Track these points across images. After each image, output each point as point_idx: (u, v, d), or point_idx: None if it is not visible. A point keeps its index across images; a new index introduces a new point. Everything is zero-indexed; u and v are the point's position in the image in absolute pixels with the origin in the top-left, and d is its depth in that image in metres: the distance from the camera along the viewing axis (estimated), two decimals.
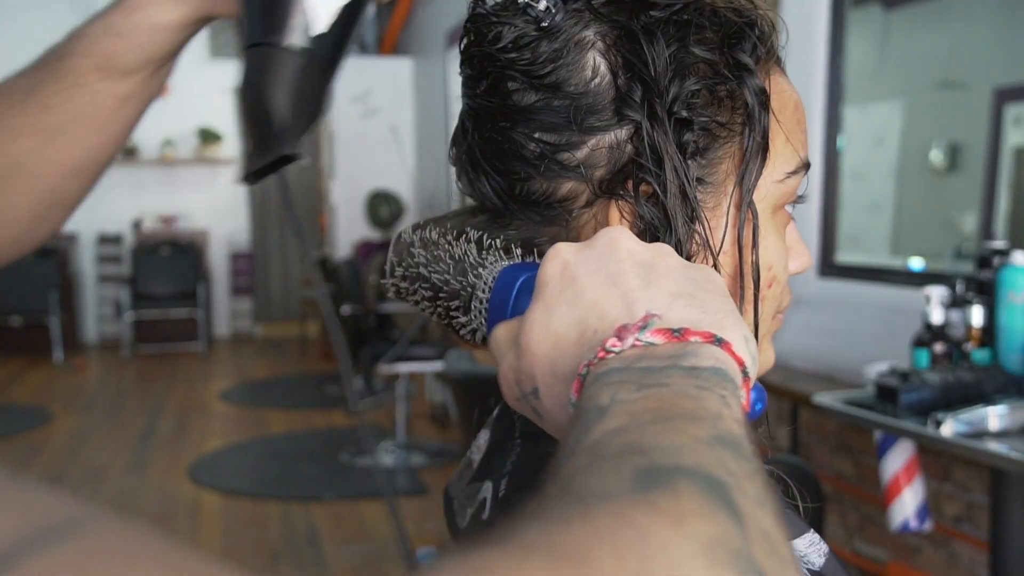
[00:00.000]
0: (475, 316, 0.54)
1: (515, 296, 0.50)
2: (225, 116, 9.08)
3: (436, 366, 4.76)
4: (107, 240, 8.88)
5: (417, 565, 0.60)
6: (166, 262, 8.74)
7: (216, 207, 9.26)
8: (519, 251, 0.55)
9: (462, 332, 0.56)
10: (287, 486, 4.64)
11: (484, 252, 0.55)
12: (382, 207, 7.85)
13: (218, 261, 9.33)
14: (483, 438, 0.65)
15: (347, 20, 0.54)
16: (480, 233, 0.56)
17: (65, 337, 8.30)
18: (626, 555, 0.27)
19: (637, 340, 0.40)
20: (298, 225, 0.62)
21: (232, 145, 9.21)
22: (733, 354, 0.41)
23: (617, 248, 0.45)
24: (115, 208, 8.74)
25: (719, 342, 0.41)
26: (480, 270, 0.54)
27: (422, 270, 0.57)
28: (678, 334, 0.40)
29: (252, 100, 0.53)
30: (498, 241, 0.55)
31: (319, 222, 9.32)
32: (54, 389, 7.02)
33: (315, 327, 8.35)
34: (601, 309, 0.43)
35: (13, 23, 7.99)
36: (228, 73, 8.57)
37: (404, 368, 4.85)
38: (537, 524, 0.28)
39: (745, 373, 0.41)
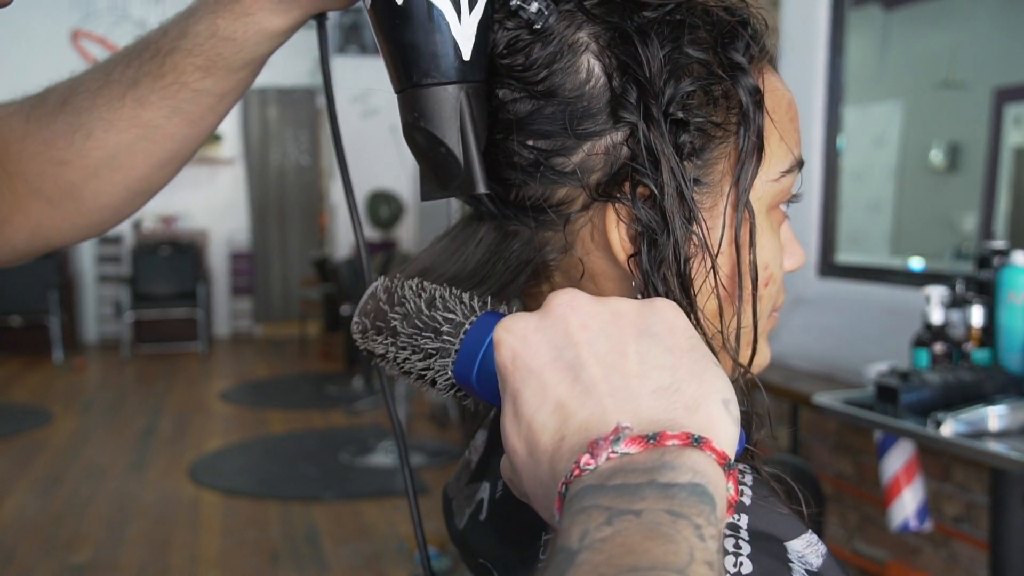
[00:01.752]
0: (437, 364, 0.52)
1: (483, 353, 0.49)
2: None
3: None
4: (107, 240, 8.88)
5: (428, 565, 0.60)
6: (166, 262, 8.74)
7: (216, 207, 9.26)
8: (487, 300, 0.53)
9: (426, 379, 0.54)
10: (287, 486, 4.64)
11: (455, 301, 0.53)
12: (382, 207, 7.85)
13: (218, 261, 9.33)
14: (480, 439, 0.65)
15: (483, 35, 0.52)
16: (452, 288, 0.54)
17: (65, 337, 8.30)
18: None
19: (612, 453, 0.38)
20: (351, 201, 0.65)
21: (232, 145, 9.21)
22: (714, 451, 0.39)
23: (569, 325, 0.43)
24: None
25: (697, 442, 0.38)
26: (449, 315, 0.52)
27: (393, 321, 0.54)
28: (653, 440, 0.38)
29: (424, 144, 0.53)
30: (466, 296, 0.53)
31: (319, 222, 9.32)
32: (54, 389, 7.02)
33: (315, 327, 8.35)
34: (567, 412, 0.41)
35: (13, 23, 7.99)
36: None
37: None
38: None
39: (730, 466, 0.39)
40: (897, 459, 2.23)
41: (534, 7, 0.51)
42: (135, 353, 8.46)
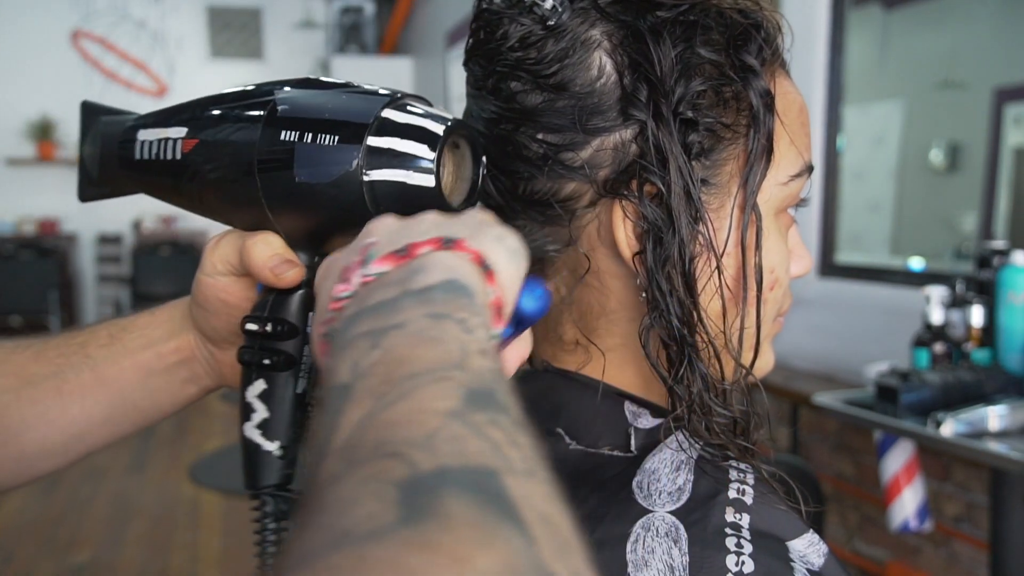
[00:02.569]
0: None
1: None
2: None
3: None
4: (107, 240, 8.88)
5: None
6: (166, 262, 8.74)
7: None
8: None
9: None
10: None
11: None
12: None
13: None
14: None
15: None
16: None
17: None
18: None
19: (364, 276, 0.38)
20: None
21: None
22: (467, 250, 0.38)
23: (372, 225, 0.43)
24: (115, 208, 8.74)
25: (448, 243, 0.38)
26: None
27: None
28: (404, 252, 0.38)
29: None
30: None
31: None
32: None
33: None
34: (334, 269, 0.41)
35: (13, 23, 7.99)
36: (228, 73, 8.58)
37: None
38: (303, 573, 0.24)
39: (487, 266, 0.38)
40: (897, 459, 2.23)
41: (548, 3, 0.51)
42: None
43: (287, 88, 0.52)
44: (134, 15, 8.26)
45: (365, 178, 0.48)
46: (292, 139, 0.49)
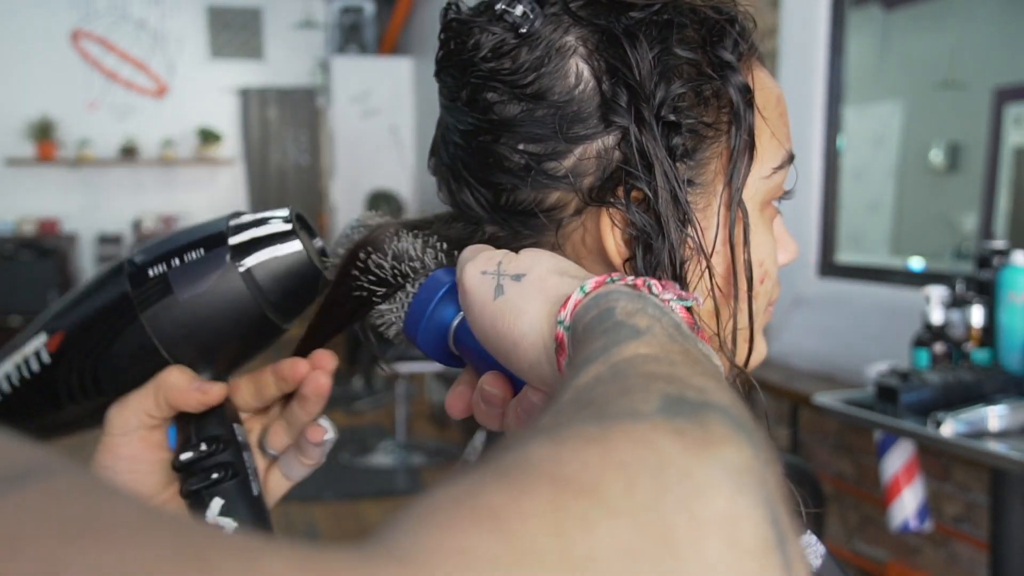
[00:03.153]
0: (396, 309, 0.55)
1: (437, 301, 0.51)
2: (225, 116, 9.08)
3: (436, 366, 4.75)
4: (107, 240, 8.88)
5: None
6: None
7: (216, 207, 9.25)
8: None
9: (377, 320, 0.56)
10: None
11: (427, 249, 0.54)
12: (382, 207, 7.85)
13: None
14: (479, 439, 0.65)
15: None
16: (430, 234, 0.55)
17: None
18: (639, 485, 0.25)
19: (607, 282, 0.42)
20: None
21: (232, 145, 9.21)
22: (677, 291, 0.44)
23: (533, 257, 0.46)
24: (115, 208, 8.74)
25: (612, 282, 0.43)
26: (415, 264, 0.54)
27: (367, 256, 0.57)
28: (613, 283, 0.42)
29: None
30: (439, 243, 0.55)
31: (319, 222, 9.32)
32: None
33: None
34: (563, 268, 0.46)
35: (13, 23, 7.99)
36: (228, 73, 8.58)
37: (404, 368, 4.85)
38: (547, 443, 0.26)
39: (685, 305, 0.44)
40: (897, 459, 2.23)
41: (519, 10, 0.50)
42: None
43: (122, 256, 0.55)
44: (134, 15, 8.26)
45: (240, 269, 0.53)
46: (162, 270, 0.53)
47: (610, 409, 0.28)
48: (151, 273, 0.53)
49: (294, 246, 0.54)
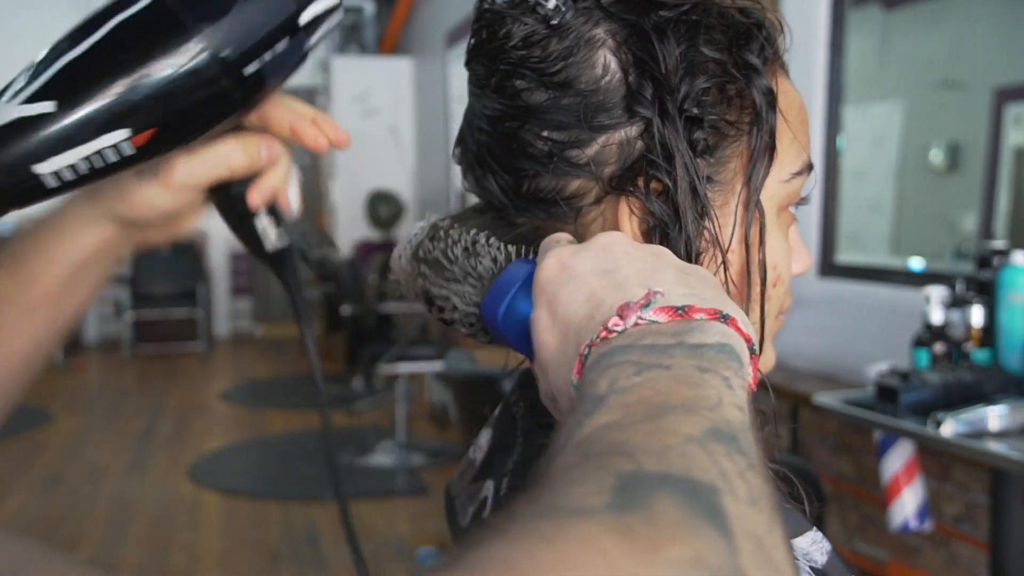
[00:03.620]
0: (466, 307, 0.55)
1: (515, 292, 0.50)
2: None
3: (436, 366, 4.76)
4: None
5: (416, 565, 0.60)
6: (166, 262, 8.73)
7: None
8: (523, 248, 0.55)
9: (455, 325, 0.57)
10: (287, 486, 4.64)
11: (487, 246, 0.55)
12: (382, 207, 7.85)
13: (218, 261, 9.32)
14: (484, 437, 0.65)
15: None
16: (485, 232, 0.56)
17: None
18: None
19: (640, 318, 0.40)
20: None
21: None
22: (739, 330, 0.40)
23: (614, 248, 0.46)
24: None
25: (725, 318, 0.40)
26: (476, 260, 0.55)
27: (429, 268, 0.57)
28: (682, 311, 0.40)
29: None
30: (495, 240, 0.55)
31: (319, 222, 9.32)
32: (54, 389, 7.01)
33: (315, 327, 8.35)
34: (600, 297, 0.43)
35: (12, 22, 7.99)
36: None
37: (404, 368, 4.85)
38: (503, 542, 0.27)
39: (752, 350, 0.41)
40: (897, 459, 2.23)
41: (552, 3, 0.52)
42: (135, 353, 8.46)
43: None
44: None
45: (307, 48, 0.56)
46: (256, 68, 0.53)
47: (565, 505, 0.29)
48: (246, 72, 0.53)
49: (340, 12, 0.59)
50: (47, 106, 0.50)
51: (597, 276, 0.44)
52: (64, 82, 0.51)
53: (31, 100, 0.51)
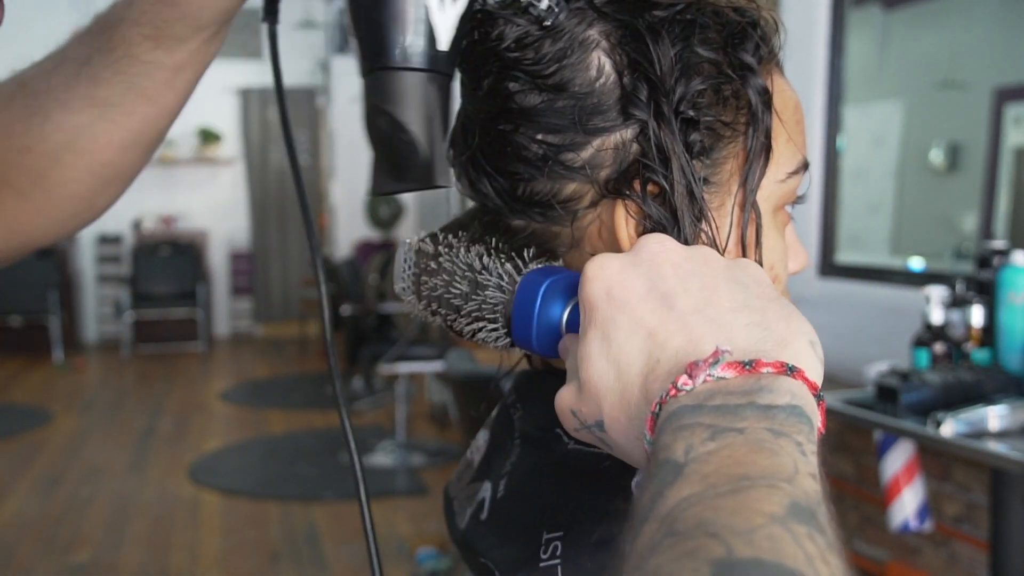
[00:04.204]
0: (485, 320, 0.53)
1: (540, 303, 0.49)
2: (225, 116, 9.07)
3: (436, 366, 4.76)
4: (107, 240, 8.88)
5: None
6: (166, 262, 8.74)
7: (216, 207, 9.25)
8: (529, 253, 0.54)
9: (469, 336, 0.56)
10: (287, 486, 4.64)
11: (492, 257, 0.54)
12: (382, 207, 7.85)
13: (218, 261, 9.33)
14: (482, 439, 0.65)
15: (461, 29, 0.51)
16: (489, 238, 0.55)
17: (65, 337, 8.30)
18: None
19: (708, 376, 0.39)
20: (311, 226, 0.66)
21: (232, 145, 9.21)
22: (807, 381, 0.40)
23: (661, 263, 0.44)
24: (115, 208, 8.59)
25: (791, 371, 0.40)
26: (486, 274, 0.53)
27: (435, 280, 0.56)
28: (749, 366, 0.39)
29: (386, 130, 0.51)
30: (503, 245, 0.54)
31: (319, 222, 9.32)
32: (54, 389, 7.02)
33: (315, 327, 8.35)
34: (662, 338, 0.42)
35: (13, 22, 7.98)
36: (228, 73, 8.57)
37: (404, 368, 4.85)
38: None
39: (819, 397, 0.40)
40: (897, 459, 2.23)
41: (544, 4, 0.51)
42: (135, 353, 8.46)
43: None
44: None
45: None
46: None
47: None
48: None
49: None
50: None
51: (652, 307, 0.42)
52: None
53: None
